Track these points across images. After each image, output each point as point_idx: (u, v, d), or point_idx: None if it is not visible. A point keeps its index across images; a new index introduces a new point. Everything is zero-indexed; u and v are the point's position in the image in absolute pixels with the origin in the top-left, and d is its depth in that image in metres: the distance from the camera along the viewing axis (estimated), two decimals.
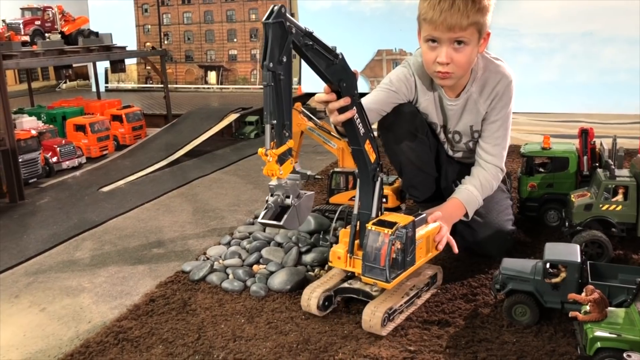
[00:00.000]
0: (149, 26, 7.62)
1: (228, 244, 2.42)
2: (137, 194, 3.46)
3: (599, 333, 1.42)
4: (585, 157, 2.44)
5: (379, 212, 1.80)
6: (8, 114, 3.31)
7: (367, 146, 1.76)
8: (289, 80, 1.49)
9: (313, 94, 6.39)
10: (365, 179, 1.79)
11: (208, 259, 2.29)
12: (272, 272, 2.09)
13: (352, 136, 1.74)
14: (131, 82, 7.75)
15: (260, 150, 1.49)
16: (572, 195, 2.21)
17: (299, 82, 6.69)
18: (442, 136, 2.29)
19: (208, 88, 7.22)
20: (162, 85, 5.51)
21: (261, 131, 5.22)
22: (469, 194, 2.07)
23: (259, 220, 1.58)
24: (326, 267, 2.10)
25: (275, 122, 1.47)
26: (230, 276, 2.10)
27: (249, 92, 6.97)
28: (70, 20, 5.15)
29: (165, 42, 7.52)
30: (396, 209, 2.49)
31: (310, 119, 2.80)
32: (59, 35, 4.96)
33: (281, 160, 1.49)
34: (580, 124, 2.89)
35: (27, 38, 4.72)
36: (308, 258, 2.18)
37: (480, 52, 2.03)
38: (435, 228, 1.87)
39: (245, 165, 4.10)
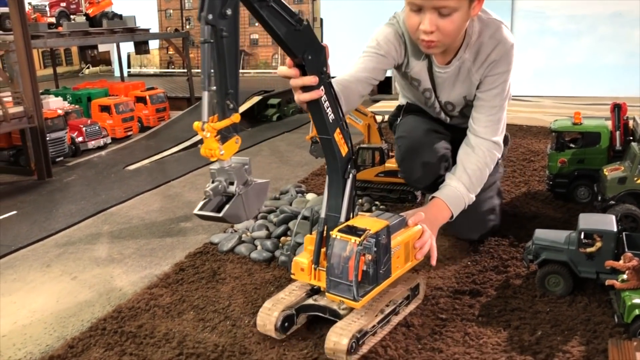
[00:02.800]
0: (171, 10, 7.64)
1: (255, 218, 2.42)
2: (162, 172, 3.49)
3: (637, 300, 1.40)
4: (617, 132, 2.39)
5: (351, 216, 1.53)
6: (36, 92, 3.34)
7: (337, 136, 1.46)
8: (234, 39, 1.20)
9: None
10: (335, 175, 1.50)
11: (236, 231, 2.29)
12: (299, 244, 2.08)
13: (318, 122, 1.45)
14: (153, 67, 7.79)
15: (196, 124, 1.21)
16: (604, 170, 2.17)
17: None
18: (436, 105, 2.07)
19: None
20: (184, 70, 5.54)
21: (283, 114, 5.21)
22: (454, 192, 1.82)
23: (195, 211, 1.30)
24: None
25: (215, 89, 1.20)
26: (259, 247, 2.11)
27: (270, 77, 6.96)
28: (95, 3, 5.18)
29: (187, 26, 7.53)
30: None
31: None
32: (84, 17, 5.01)
33: (223, 137, 1.23)
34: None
35: (52, 20, 4.77)
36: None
37: (473, 16, 1.75)
38: (416, 232, 1.59)
39: (269, 146, 4.10)
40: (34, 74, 3.37)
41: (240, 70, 7.60)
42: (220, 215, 1.26)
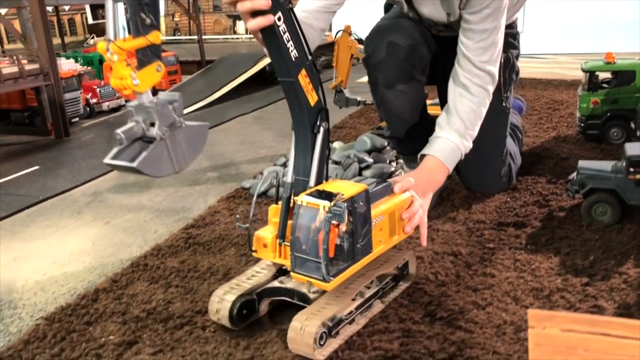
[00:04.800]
0: None
1: (284, 165, 2.39)
2: None
3: None
4: None
5: (322, 180, 1.26)
6: (51, 49, 3.29)
7: (303, 79, 1.18)
8: None
9: None
10: (302, 130, 1.24)
11: (262, 175, 2.27)
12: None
13: (277, 60, 1.16)
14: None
15: (100, 45, 0.95)
16: None
17: (330, 29, 6.57)
18: (414, 16, 1.77)
19: (237, 38, 7.15)
20: (190, 37, 5.47)
21: None
22: (447, 145, 1.54)
23: (106, 160, 1.00)
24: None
25: None
26: None
27: None
28: None
29: None
30: None
31: (361, 41, 2.72)
32: None
33: (141, 63, 0.96)
34: None
35: None
36: (368, 173, 2.15)
37: None
38: (404, 201, 1.33)
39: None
40: (48, 31, 3.31)
41: (247, 36, 7.49)
42: (134, 165, 0.97)
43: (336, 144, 2.61)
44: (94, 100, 3.99)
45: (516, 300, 1.30)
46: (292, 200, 1.20)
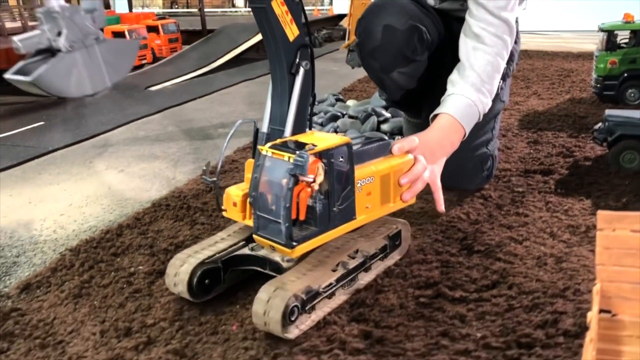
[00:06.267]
0: None
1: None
2: (186, 92, 3.39)
3: None
4: None
5: (303, 131, 1.09)
6: None
7: (279, 7, 1.02)
8: None
9: (344, 16, 6.22)
10: (279, 70, 1.08)
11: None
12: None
13: None
14: (156, 7, 7.58)
15: None
16: None
17: (331, 3, 6.50)
18: None
19: (235, 11, 7.06)
20: (188, 10, 5.39)
21: None
22: (462, 101, 1.31)
23: (6, 75, 0.74)
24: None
25: None
26: None
27: None
28: None
29: None
30: None
31: None
32: None
33: None
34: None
35: None
36: (386, 127, 2.11)
37: None
38: (403, 163, 1.13)
39: None
40: None
41: (246, 8, 7.41)
42: (29, 79, 0.80)
43: (350, 102, 2.58)
44: None
45: (553, 235, 1.28)
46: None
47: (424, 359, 0.90)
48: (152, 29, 4.65)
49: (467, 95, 1.31)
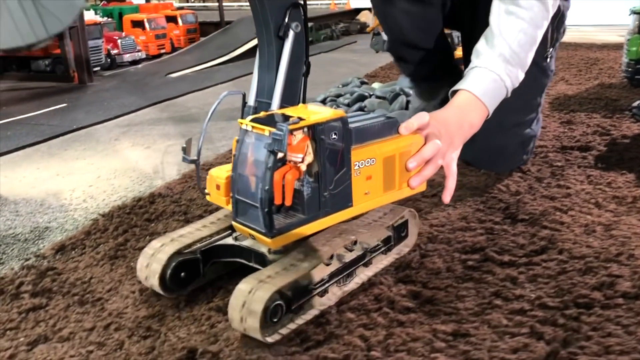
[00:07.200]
0: None
1: (323, 101, 2.32)
2: (207, 79, 3.38)
3: None
4: None
5: (294, 103, 0.99)
6: None
7: None
8: None
9: (361, 10, 6.20)
10: (265, 33, 0.96)
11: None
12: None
13: None
14: (172, 1, 7.58)
15: None
16: None
17: None
18: None
19: None
20: (204, 4, 5.38)
21: (315, 39, 5.07)
22: (485, 76, 1.12)
23: None
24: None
25: None
26: None
27: None
28: None
29: None
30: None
31: None
32: None
33: None
34: None
35: None
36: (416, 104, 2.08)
37: None
38: (412, 144, 0.96)
39: (321, 59, 3.97)
40: None
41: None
42: None
43: (375, 84, 2.55)
44: (115, 51, 3.91)
45: (598, 206, 1.24)
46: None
47: (478, 317, 0.86)
48: (170, 19, 4.65)
49: (492, 68, 1.11)
